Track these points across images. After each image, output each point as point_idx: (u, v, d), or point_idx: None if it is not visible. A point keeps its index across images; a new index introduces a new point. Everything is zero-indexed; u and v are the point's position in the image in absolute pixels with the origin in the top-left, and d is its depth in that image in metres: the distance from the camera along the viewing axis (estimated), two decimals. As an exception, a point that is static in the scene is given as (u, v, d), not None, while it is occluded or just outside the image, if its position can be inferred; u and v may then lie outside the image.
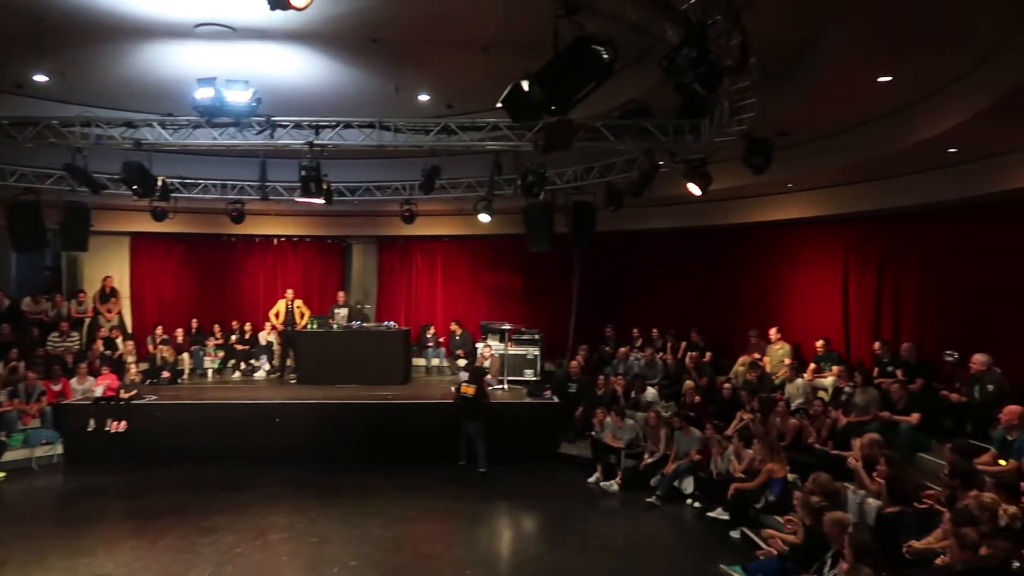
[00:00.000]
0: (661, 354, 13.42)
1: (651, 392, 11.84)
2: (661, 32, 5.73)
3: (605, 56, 4.48)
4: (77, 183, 10.40)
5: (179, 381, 13.94)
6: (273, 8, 4.22)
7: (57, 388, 12.13)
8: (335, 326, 14.08)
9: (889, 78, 7.44)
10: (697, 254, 14.76)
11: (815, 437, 9.27)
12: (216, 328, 15.24)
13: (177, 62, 8.67)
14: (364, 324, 14.45)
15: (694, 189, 9.57)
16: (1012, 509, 5.49)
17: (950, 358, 9.82)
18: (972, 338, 9.69)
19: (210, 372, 14.69)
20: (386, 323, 14.71)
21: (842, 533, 5.34)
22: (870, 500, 7.06)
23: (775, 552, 6.59)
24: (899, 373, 10.07)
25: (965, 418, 8.92)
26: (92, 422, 11.48)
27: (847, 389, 10.24)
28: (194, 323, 15.32)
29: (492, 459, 10.91)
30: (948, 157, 9.21)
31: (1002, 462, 7.09)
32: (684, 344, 13.77)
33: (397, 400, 12.19)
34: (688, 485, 9.61)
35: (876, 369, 10.56)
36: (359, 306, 15.10)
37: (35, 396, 11.85)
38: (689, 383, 11.67)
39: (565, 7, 4.56)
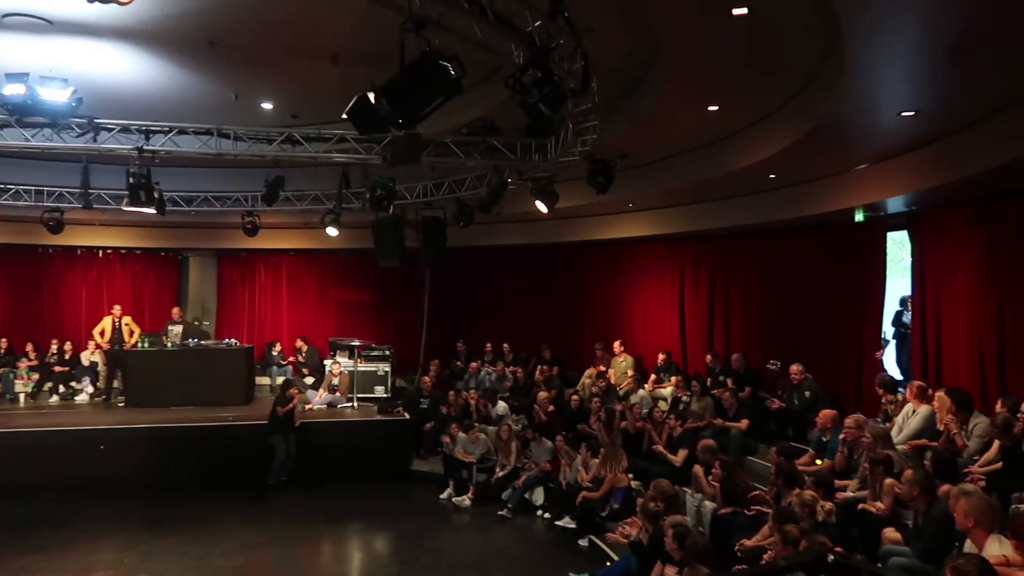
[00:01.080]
0: (512, 368, 13.60)
1: (502, 406, 11.98)
2: (508, 52, 5.84)
3: (452, 72, 4.50)
4: None
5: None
6: (91, 0, 3.89)
7: None
8: (169, 344, 13.18)
9: (716, 107, 7.98)
10: (545, 270, 15.15)
11: (657, 442, 9.71)
12: (29, 348, 13.86)
13: (-17, 55, 7.84)
14: (202, 342, 13.63)
15: (541, 207, 9.81)
16: (828, 505, 5.99)
17: (773, 367, 10.65)
18: (791, 349, 10.57)
19: (22, 397, 13.33)
20: (227, 340, 13.94)
21: (677, 535, 5.61)
22: (706, 503, 7.46)
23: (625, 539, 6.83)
24: (729, 382, 10.76)
25: (787, 422, 9.70)
26: None
27: (684, 398, 10.84)
28: (3, 343, 13.86)
29: (343, 479, 10.62)
30: (769, 182, 10.00)
31: (819, 462, 7.75)
32: (534, 359, 14.05)
33: (239, 422, 11.56)
34: (538, 496, 9.76)
35: (709, 379, 11.24)
36: (196, 323, 14.24)
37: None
38: (543, 393, 11.91)
39: (412, 21, 4.54)
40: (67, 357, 13.98)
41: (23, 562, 7.97)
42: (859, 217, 10.01)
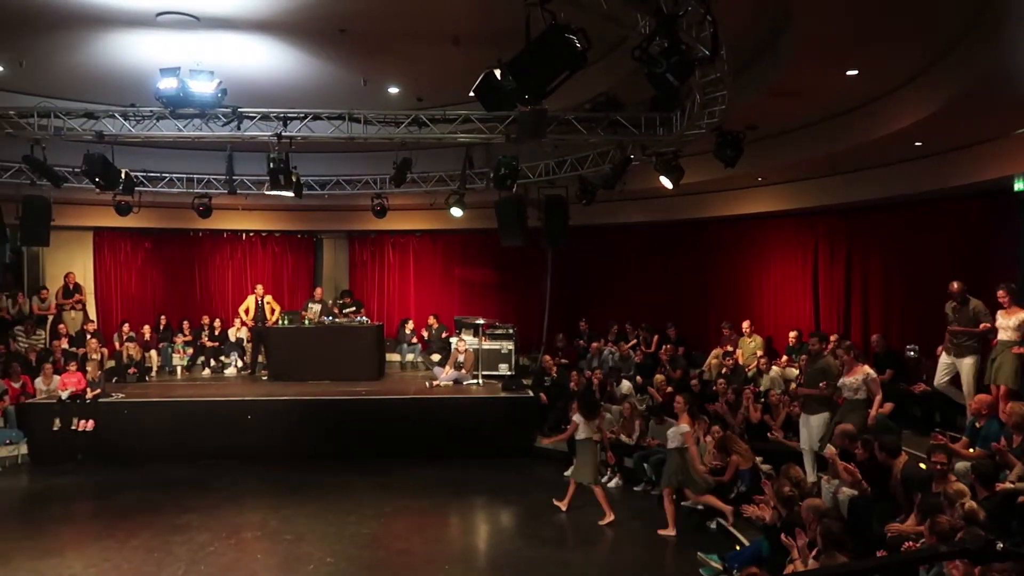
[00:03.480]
0: (636, 347, 13.45)
1: (626, 385, 11.85)
2: (632, 22, 5.71)
3: (578, 45, 4.44)
4: (36, 176, 10.16)
5: (147, 379, 13.67)
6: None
7: (18, 386, 11.86)
8: (307, 321, 13.92)
9: (855, 72, 7.49)
10: (670, 247, 14.82)
11: (775, 428, 9.35)
12: (185, 324, 15.00)
13: (139, 52, 8.49)
14: (336, 319, 14.32)
15: (666, 182, 9.59)
16: (970, 504, 5.56)
17: (912, 353, 9.98)
18: (935, 330, 9.83)
19: (179, 369, 14.46)
20: (358, 318, 14.58)
21: (816, 520, 5.39)
22: (844, 489, 7.12)
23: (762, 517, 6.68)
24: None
25: (933, 408, 9.08)
26: (58, 421, 11.24)
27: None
28: (162, 319, 15.07)
29: (468, 454, 10.90)
30: (913, 150, 9.32)
31: (971, 450, 7.21)
32: (656, 337, 13.83)
33: (370, 396, 12.08)
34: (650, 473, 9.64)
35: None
36: (329, 302, 15.01)
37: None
38: (660, 377, 11.71)
39: (537, -4, 4.51)
40: (217, 333, 15.04)
41: (181, 520, 8.69)
42: (1019, 186, 9.16)
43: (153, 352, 14.21)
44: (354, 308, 14.99)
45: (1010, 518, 5.70)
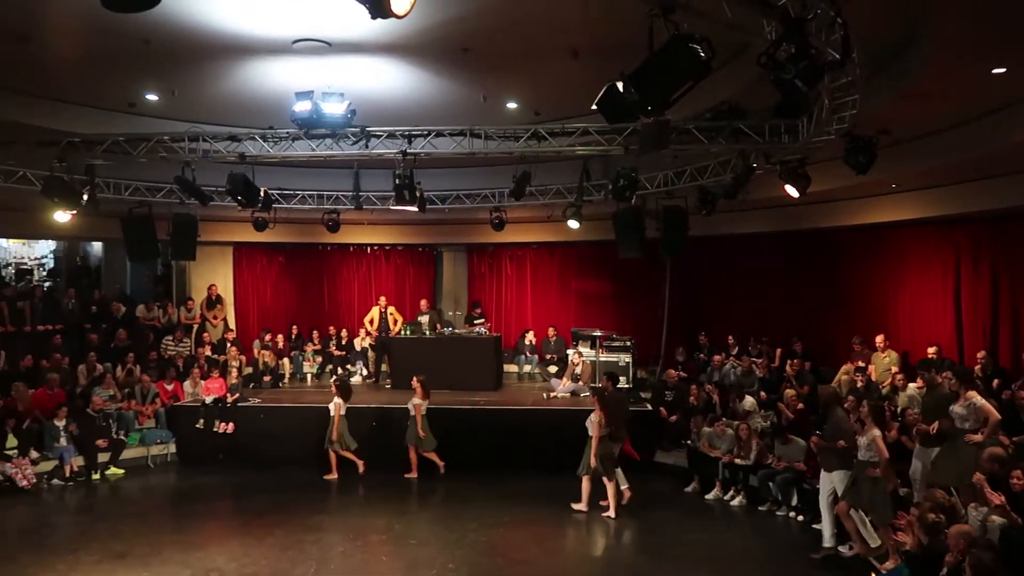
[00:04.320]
0: (759, 361, 13.00)
1: (749, 401, 11.46)
2: (757, 29, 5.58)
3: (702, 55, 4.39)
4: (186, 195, 10.97)
5: (280, 385, 14.47)
6: (374, 17, 4.32)
7: (170, 389, 12.85)
8: (427, 332, 14.33)
9: (1002, 69, 6.99)
10: (794, 258, 14.26)
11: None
12: (314, 334, 15.76)
13: (276, 77, 9.02)
14: (456, 330, 14.66)
15: (792, 191, 9.28)
16: None
17: None
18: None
19: (309, 377, 15.19)
20: (476, 330, 14.87)
21: (967, 548, 5.04)
22: (993, 517, 6.61)
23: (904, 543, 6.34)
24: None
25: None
26: (202, 423, 12.09)
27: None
28: (294, 329, 15.90)
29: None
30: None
31: None
32: (780, 351, 13.33)
33: (489, 406, 12.27)
34: (792, 496, 9.27)
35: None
36: (445, 313, 15.39)
37: (150, 398, 12.59)
38: (790, 392, 11.24)
39: (660, 7, 4.49)
40: (343, 343, 15.72)
41: (312, 521, 9.13)
42: None
43: (286, 360, 15.01)
44: (483, 319, 15.32)
45: None
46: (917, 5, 6.14)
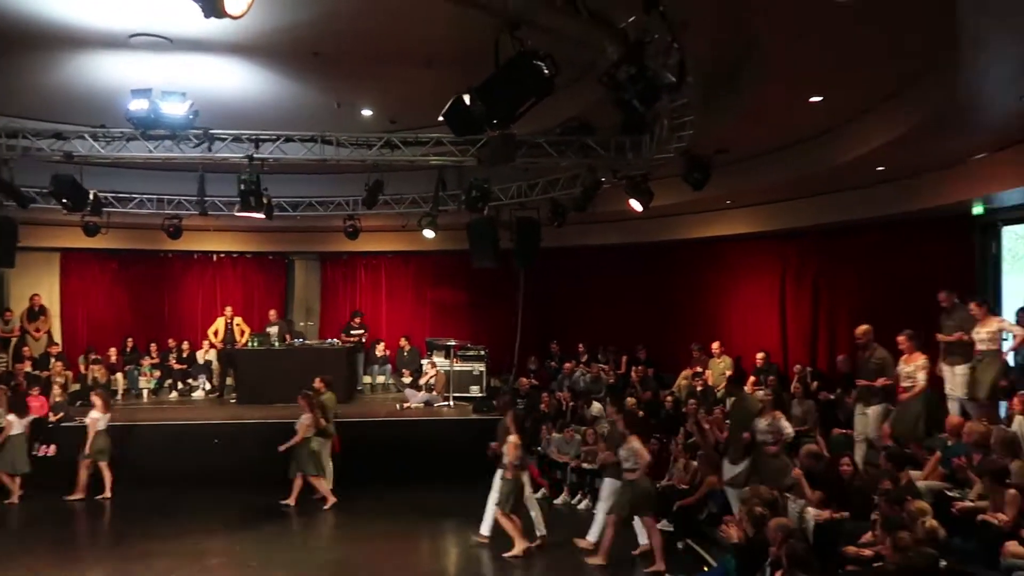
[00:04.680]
0: (606, 368, 13.51)
1: (596, 407, 11.88)
2: (600, 49, 5.82)
3: (546, 71, 4.53)
4: (3, 197, 10.01)
5: (113, 402, 13.43)
6: (207, 16, 4.13)
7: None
8: (275, 344, 13.81)
9: (819, 98, 7.69)
10: (640, 269, 14.96)
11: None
12: (152, 347, 14.80)
13: (111, 73, 8.44)
14: (307, 341, 14.23)
15: (636, 205, 9.73)
16: (931, 523, 5.68)
17: None
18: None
19: (145, 393, 14.23)
20: (329, 340, 14.50)
21: (784, 539, 5.45)
22: (809, 509, 7.21)
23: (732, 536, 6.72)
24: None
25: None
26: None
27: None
28: (129, 342, 14.83)
29: (439, 477, 10.82)
30: (877, 175, 9.56)
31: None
32: (625, 358, 13.92)
33: (340, 418, 11.95)
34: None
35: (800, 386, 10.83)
36: (296, 324, 14.92)
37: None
38: (631, 399, 11.73)
39: (507, 22, 4.59)
40: (185, 356, 14.85)
41: (145, 546, 8.52)
42: (977, 210, 9.44)
43: (119, 375, 13.99)
44: (362, 330, 14.95)
45: (970, 538, 5.83)
46: (747, 34, 6.63)
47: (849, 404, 9.43)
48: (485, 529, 8.56)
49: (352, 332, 14.92)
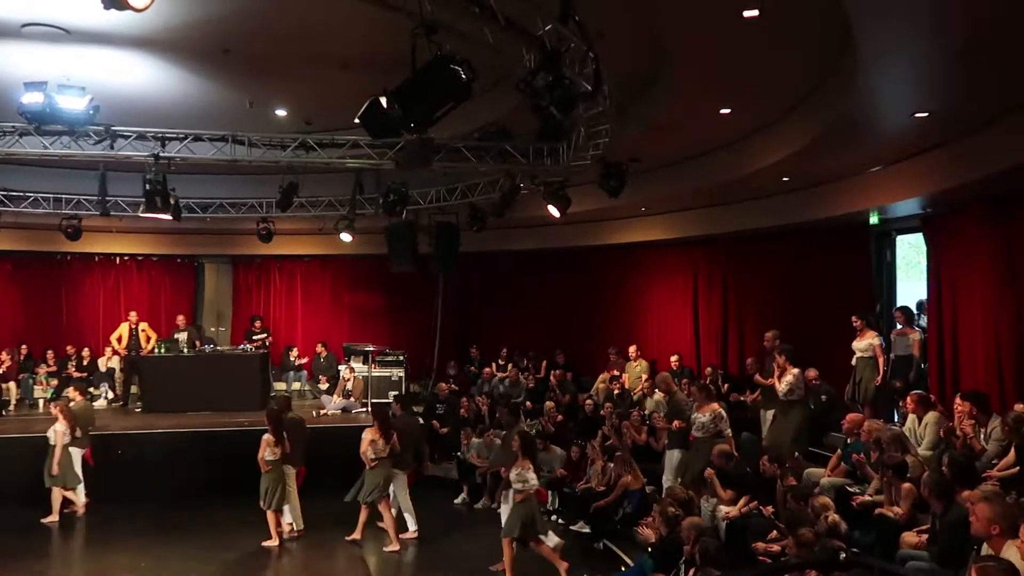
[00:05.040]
0: (525, 373, 13.60)
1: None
2: (519, 56, 5.87)
3: (463, 77, 4.52)
4: None
5: (4, 413, 12.66)
6: (108, 7, 3.95)
7: None
8: (184, 350, 13.30)
9: (728, 110, 7.97)
10: (559, 274, 15.13)
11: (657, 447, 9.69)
12: (49, 354, 14.02)
13: (1, 64, 7.96)
14: (218, 347, 13.76)
15: (553, 211, 9.83)
16: (833, 517, 5.94)
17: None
18: (807, 352, 10.46)
19: (41, 402, 13.45)
20: (241, 346, 14.07)
21: (697, 537, 5.61)
22: (721, 507, 7.44)
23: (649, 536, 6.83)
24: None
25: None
26: None
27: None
28: (23, 349, 14.00)
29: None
30: (782, 185, 9.97)
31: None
32: (545, 363, 14.04)
33: (254, 427, 11.59)
34: (552, 501, 9.76)
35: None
36: (199, 328, 14.52)
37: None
38: (550, 403, 11.87)
39: (423, 26, 4.57)
40: (85, 363, 14.14)
41: (40, 566, 8.05)
42: (874, 220, 9.96)
43: (12, 384, 13.19)
44: (265, 334, 14.52)
45: (868, 531, 6.13)
46: (660, 47, 6.80)
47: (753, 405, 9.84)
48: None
49: (254, 337, 14.49)
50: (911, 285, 10.86)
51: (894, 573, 5.26)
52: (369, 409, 12.55)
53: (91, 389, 13.68)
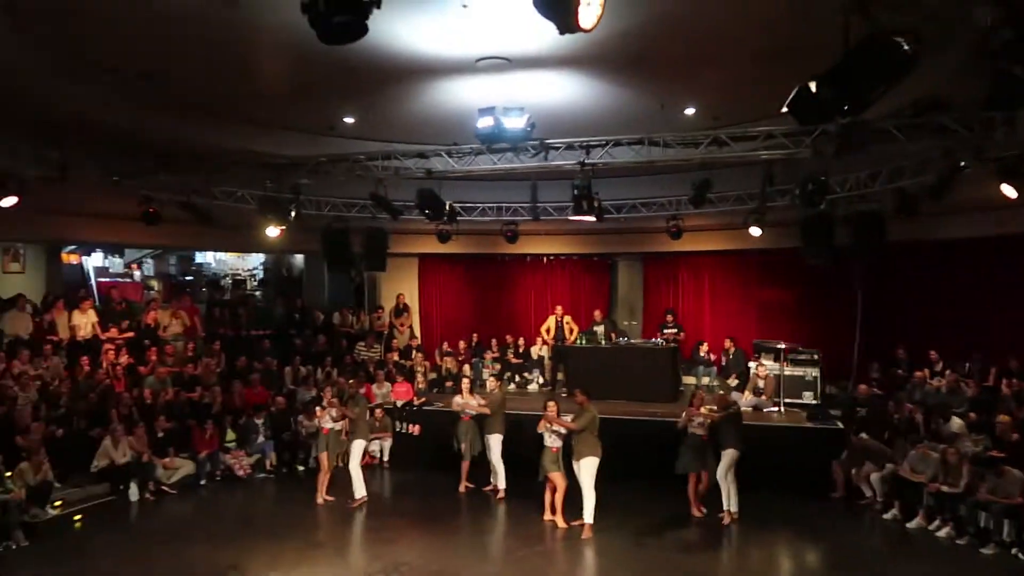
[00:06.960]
0: (967, 379, 11.82)
1: (957, 423, 10.42)
2: (962, 17, 5.11)
3: (906, 48, 4.08)
4: (378, 210, 11.69)
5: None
6: (562, 33, 4.42)
7: (362, 392, 13.70)
8: (602, 342, 14.33)
9: None
10: (1011, 266, 12.81)
11: None
12: (493, 342, 16.24)
13: (460, 95, 9.38)
14: (632, 340, 14.56)
15: (1008, 191, 8.38)
16: None
17: None
18: None
19: (488, 383, 15.62)
20: (653, 340, 14.67)
21: None
22: None
23: None
24: None
25: None
26: (396, 424, 12.83)
27: None
28: (474, 337, 16.45)
29: (764, 485, 10.36)
30: None
31: None
32: (994, 370, 12.01)
33: (665, 418, 11.99)
34: (1008, 531, 8.33)
35: None
36: (620, 323, 15.33)
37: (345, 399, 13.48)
38: (1003, 417, 10.08)
39: (856, 2, 4.23)
40: (520, 351, 16.08)
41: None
42: None
43: (467, 366, 15.57)
44: (676, 329, 15.14)
45: None
46: None
47: None
48: None
49: (665, 331, 14.96)
50: None
51: None
52: (782, 409, 12.14)
53: (525, 374, 15.56)
